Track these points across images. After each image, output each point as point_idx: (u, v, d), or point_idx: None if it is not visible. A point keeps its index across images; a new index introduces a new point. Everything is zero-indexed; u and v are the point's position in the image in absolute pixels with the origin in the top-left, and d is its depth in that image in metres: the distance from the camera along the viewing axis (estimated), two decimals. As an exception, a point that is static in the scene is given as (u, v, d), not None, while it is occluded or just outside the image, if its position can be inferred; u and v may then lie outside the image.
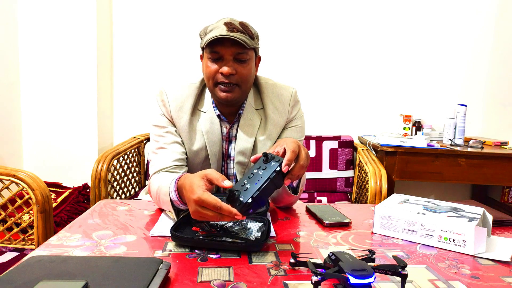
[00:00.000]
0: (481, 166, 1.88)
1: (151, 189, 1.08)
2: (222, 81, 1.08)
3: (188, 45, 2.27)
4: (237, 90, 1.10)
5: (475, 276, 0.74)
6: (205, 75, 1.13)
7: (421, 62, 2.33)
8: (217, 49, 1.07)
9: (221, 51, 1.07)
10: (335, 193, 2.11)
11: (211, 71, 1.09)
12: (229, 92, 1.09)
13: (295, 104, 1.25)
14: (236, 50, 1.07)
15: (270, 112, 1.20)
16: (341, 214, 1.06)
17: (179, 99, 1.16)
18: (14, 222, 1.40)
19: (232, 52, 1.07)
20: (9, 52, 2.11)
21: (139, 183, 2.11)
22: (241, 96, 1.14)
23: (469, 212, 0.93)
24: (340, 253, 0.67)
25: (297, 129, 1.25)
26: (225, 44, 1.06)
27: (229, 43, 1.06)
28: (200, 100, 1.19)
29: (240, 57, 1.08)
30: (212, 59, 1.09)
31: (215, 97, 1.14)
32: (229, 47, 1.06)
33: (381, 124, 2.35)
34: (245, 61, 1.09)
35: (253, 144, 1.18)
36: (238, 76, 1.09)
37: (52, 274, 0.63)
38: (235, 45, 1.06)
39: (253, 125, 1.19)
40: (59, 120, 2.19)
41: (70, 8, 2.11)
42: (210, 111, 1.18)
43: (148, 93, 2.31)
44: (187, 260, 0.77)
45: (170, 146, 1.14)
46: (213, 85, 1.11)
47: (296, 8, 2.28)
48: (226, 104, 1.15)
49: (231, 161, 1.21)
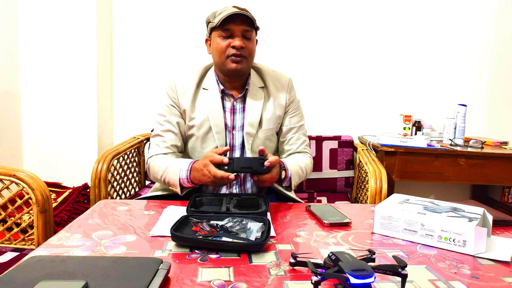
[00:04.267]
0: (481, 166, 1.88)
1: (153, 168, 1.31)
2: (234, 54, 1.27)
3: (188, 45, 2.27)
4: (245, 61, 1.29)
5: (475, 276, 0.74)
6: (216, 51, 1.30)
7: (421, 62, 2.33)
8: (228, 26, 1.26)
9: (232, 28, 1.26)
10: (335, 193, 2.11)
11: (223, 47, 1.28)
12: (239, 63, 1.28)
13: (292, 88, 1.46)
14: (245, 28, 1.27)
15: (272, 90, 1.40)
16: (341, 214, 1.06)
17: (184, 81, 1.36)
18: (14, 222, 1.40)
19: (242, 29, 1.27)
20: (9, 52, 2.11)
21: (139, 183, 2.11)
22: (248, 67, 1.33)
23: (469, 212, 0.93)
24: (340, 253, 0.67)
25: (299, 115, 1.46)
26: (236, 22, 1.26)
27: (239, 20, 1.26)
28: (203, 79, 1.38)
29: (247, 34, 1.28)
30: (223, 36, 1.28)
31: (225, 70, 1.31)
32: (239, 24, 1.26)
33: (381, 124, 2.35)
34: (251, 38, 1.30)
35: (259, 118, 1.35)
36: (247, 49, 1.28)
37: (52, 274, 0.63)
38: (244, 23, 1.27)
39: (258, 100, 1.37)
40: (59, 120, 2.19)
41: (70, 8, 2.11)
42: (214, 88, 1.35)
43: (148, 93, 2.31)
44: (187, 260, 0.77)
45: (165, 134, 1.35)
46: (224, 58, 1.29)
47: (296, 8, 2.28)
48: (235, 75, 1.33)
49: (237, 131, 1.35)
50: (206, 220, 0.94)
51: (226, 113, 1.35)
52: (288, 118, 1.43)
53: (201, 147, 1.35)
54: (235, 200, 1.12)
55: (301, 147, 1.44)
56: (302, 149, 1.44)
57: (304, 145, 1.45)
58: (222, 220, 0.94)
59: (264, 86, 1.40)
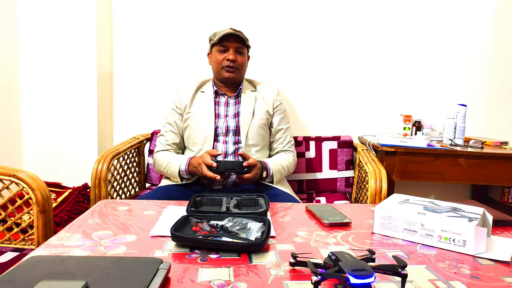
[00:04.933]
0: (481, 166, 1.88)
1: (157, 162, 1.66)
2: (228, 65, 1.64)
3: (188, 45, 2.27)
4: (237, 72, 1.66)
5: (475, 276, 0.74)
6: (215, 62, 1.68)
7: (421, 62, 2.33)
8: (225, 43, 1.63)
9: (228, 45, 1.64)
10: (335, 193, 2.11)
11: (220, 59, 1.65)
12: (232, 73, 1.65)
13: (279, 94, 1.81)
14: (237, 45, 1.64)
15: (261, 92, 1.75)
16: (341, 214, 1.07)
17: (186, 86, 1.75)
18: (14, 222, 1.40)
19: (235, 46, 1.64)
20: (9, 52, 2.11)
21: (139, 183, 2.11)
22: (239, 76, 1.69)
23: (469, 212, 0.93)
24: (340, 253, 0.67)
25: (285, 119, 1.79)
26: (230, 40, 1.63)
27: (233, 39, 1.63)
28: (202, 86, 1.76)
29: (239, 50, 1.66)
30: (221, 51, 1.65)
31: (220, 78, 1.68)
32: (234, 42, 1.63)
33: (381, 124, 2.34)
34: (243, 53, 1.68)
35: (253, 109, 1.68)
36: (238, 62, 1.65)
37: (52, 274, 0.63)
38: (237, 41, 1.64)
39: (251, 97, 1.72)
40: (59, 120, 2.18)
41: (70, 8, 2.11)
42: (210, 91, 1.72)
43: (148, 93, 2.31)
44: (187, 260, 0.77)
45: (167, 134, 1.71)
46: (220, 68, 1.65)
47: (296, 8, 2.28)
48: (228, 82, 1.69)
49: (230, 119, 1.66)
50: (206, 220, 0.94)
51: (219, 106, 1.69)
52: (276, 120, 1.74)
53: (194, 134, 1.66)
54: (235, 200, 1.12)
55: (286, 146, 1.76)
56: (287, 148, 1.76)
57: (289, 145, 1.77)
58: (222, 220, 0.94)
59: (255, 90, 1.76)
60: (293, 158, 1.75)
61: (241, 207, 1.11)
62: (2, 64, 2.06)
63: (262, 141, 1.69)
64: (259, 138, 1.67)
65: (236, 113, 1.67)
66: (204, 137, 1.63)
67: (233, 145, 1.63)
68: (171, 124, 1.71)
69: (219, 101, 1.69)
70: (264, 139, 1.70)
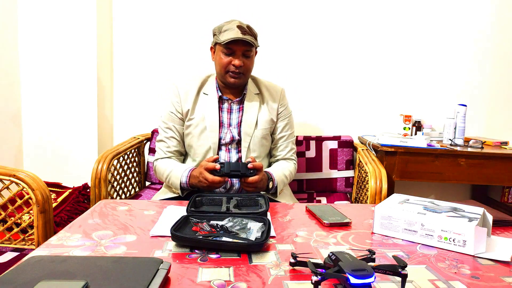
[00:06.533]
0: (481, 166, 1.88)
1: (159, 170, 1.54)
2: (233, 70, 1.46)
3: (188, 45, 2.27)
4: (242, 77, 1.50)
5: (475, 276, 0.74)
6: (218, 64, 1.50)
7: (421, 62, 2.33)
8: (231, 46, 1.44)
9: (234, 48, 1.44)
10: (335, 193, 2.11)
11: (225, 62, 1.47)
12: (237, 79, 1.48)
13: (285, 97, 1.66)
14: (245, 48, 1.45)
15: (266, 96, 1.61)
16: (341, 214, 1.07)
17: (187, 87, 1.57)
18: (14, 222, 1.40)
19: (242, 50, 1.45)
20: (9, 52, 2.11)
21: (139, 183, 2.11)
22: (244, 81, 1.54)
23: (469, 212, 0.93)
24: (340, 253, 0.67)
25: (289, 125, 1.67)
26: (238, 44, 1.43)
27: (241, 43, 1.43)
28: (204, 85, 1.58)
29: (247, 54, 1.47)
30: (226, 53, 1.46)
31: (224, 81, 1.52)
32: (241, 46, 1.44)
33: (381, 124, 2.34)
34: (250, 56, 1.49)
35: (256, 119, 1.55)
36: (245, 67, 1.47)
37: (52, 274, 0.63)
38: (245, 45, 1.44)
39: (254, 104, 1.58)
40: (59, 120, 2.18)
41: (70, 8, 2.11)
42: (213, 93, 1.56)
43: (148, 93, 2.31)
44: (187, 260, 0.77)
45: (168, 140, 1.57)
46: (224, 72, 1.48)
47: (297, 8, 2.28)
48: (233, 87, 1.54)
49: (233, 128, 1.55)
50: (206, 220, 0.94)
51: (223, 113, 1.55)
52: (280, 127, 1.63)
53: (197, 144, 1.54)
54: (235, 200, 1.12)
55: (288, 154, 1.65)
56: (289, 156, 1.65)
57: (291, 153, 1.66)
58: (222, 220, 0.94)
59: (259, 93, 1.61)
60: (294, 167, 1.66)
61: (241, 207, 1.11)
62: (2, 64, 2.06)
63: (264, 151, 1.61)
64: (261, 148, 1.58)
65: (239, 122, 1.55)
66: (207, 148, 1.52)
67: (236, 154, 1.55)
68: (171, 129, 1.56)
69: (222, 106, 1.56)
70: (266, 148, 1.62)
